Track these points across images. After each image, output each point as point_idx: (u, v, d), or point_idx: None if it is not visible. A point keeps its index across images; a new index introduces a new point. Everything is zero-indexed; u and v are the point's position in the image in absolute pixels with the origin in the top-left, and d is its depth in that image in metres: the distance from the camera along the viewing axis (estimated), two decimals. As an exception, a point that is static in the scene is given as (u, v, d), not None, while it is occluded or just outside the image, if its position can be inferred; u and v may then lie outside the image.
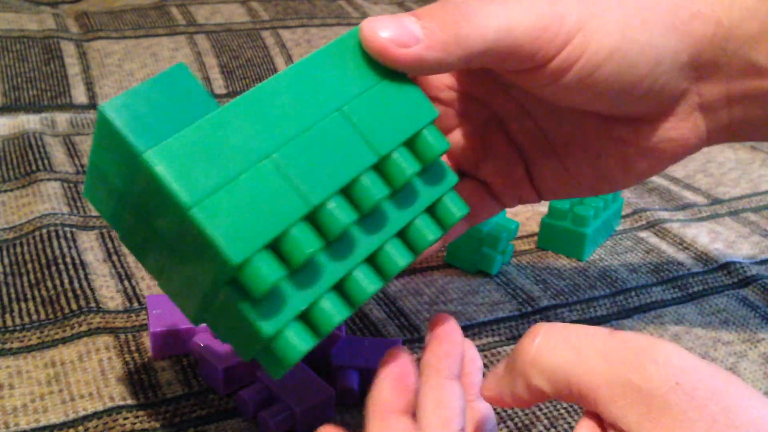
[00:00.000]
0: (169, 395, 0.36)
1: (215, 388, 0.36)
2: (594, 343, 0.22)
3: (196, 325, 0.32)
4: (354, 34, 0.29)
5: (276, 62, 0.82)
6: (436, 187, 0.30)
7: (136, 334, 0.40)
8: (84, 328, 0.40)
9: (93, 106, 0.73)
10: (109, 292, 0.43)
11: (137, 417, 0.34)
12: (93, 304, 0.42)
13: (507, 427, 0.36)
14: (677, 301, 0.46)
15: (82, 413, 0.34)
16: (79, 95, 0.74)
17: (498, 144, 0.35)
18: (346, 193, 0.27)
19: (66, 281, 0.43)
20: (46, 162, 0.58)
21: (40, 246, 0.47)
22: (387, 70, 0.28)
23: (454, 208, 0.30)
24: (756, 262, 0.50)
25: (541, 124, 0.34)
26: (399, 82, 0.29)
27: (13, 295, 0.43)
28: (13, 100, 0.71)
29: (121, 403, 0.35)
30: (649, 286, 0.47)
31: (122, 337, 0.40)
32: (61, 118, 0.69)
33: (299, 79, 0.27)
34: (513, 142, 0.35)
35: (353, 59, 0.28)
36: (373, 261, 0.28)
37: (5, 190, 0.54)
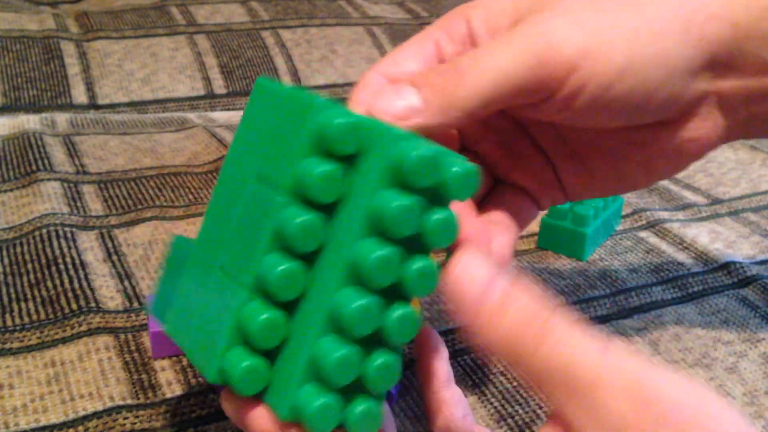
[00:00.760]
0: (169, 395, 0.36)
1: (215, 388, 0.36)
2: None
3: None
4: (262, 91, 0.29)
5: (276, 62, 0.82)
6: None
7: (136, 334, 0.40)
8: (84, 328, 0.40)
9: (93, 106, 0.73)
10: (109, 292, 0.43)
11: (137, 417, 0.34)
12: (93, 304, 0.42)
13: (507, 425, 0.36)
14: (677, 301, 0.46)
15: (82, 413, 0.34)
16: (79, 95, 0.74)
17: (526, 150, 0.35)
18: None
19: (66, 281, 0.44)
20: (46, 162, 0.58)
21: (40, 246, 0.47)
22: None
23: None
24: (756, 262, 0.50)
25: (560, 131, 0.34)
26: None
27: (13, 295, 0.43)
28: (13, 100, 0.71)
29: (121, 403, 0.35)
30: (649, 286, 0.47)
31: (122, 337, 0.40)
32: (61, 118, 0.69)
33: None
34: (539, 147, 0.35)
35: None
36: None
37: (5, 190, 0.54)
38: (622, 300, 0.46)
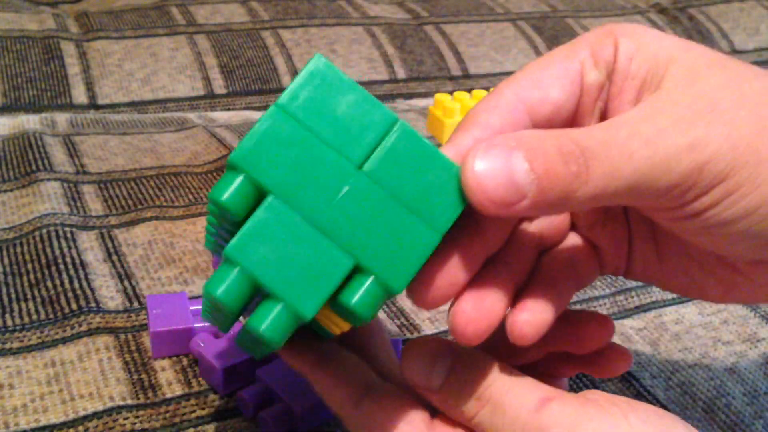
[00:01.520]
0: (169, 395, 0.36)
1: (215, 388, 0.36)
2: None
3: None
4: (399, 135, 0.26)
5: (276, 62, 0.82)
6: None
7: (136, 334, 0.40)
8: (84, 328, 0.40)
9: (93, 106, 0.73)
10: (109, 292, 0.43)
11: (137, 417, 0.34)
12: (93, 304, 0.42)
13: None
14: (677, 301, 0.46)
15: (82, 413, 0.34)
16: (79, 95, 0.74)
17: (614, 210, 0.31)
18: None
19: (66, 281, 0.44)
20: (46, 162, 0.58)
21: (40, 246, 0.47)
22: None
23: None
24: (756, 262, 0.50)
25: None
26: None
27: (13, 295, 0.43)
28: (13, 100, 0.71)
29: (121, 403, 0.35)
30: (649, 285, 0.47)
31: (122, 337, 0.40)
32: (61, 118, 0.69)
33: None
34: (626, 213, 0.31)
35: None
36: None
37: (5, 190, 0.54)
38: (622, 300, 0.45)
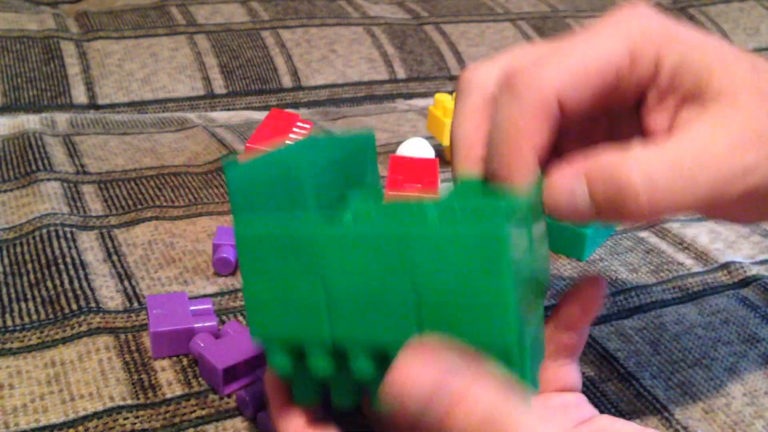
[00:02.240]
0: (169, 395, 0.36)
1: (215, 388, 0.36)
2: None
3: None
4: (492, 236, 0.24)
5: (276, 62, 0.82)
6: None
7: (136, 334, 0.40)
8: (84, 328, 0.40)
9: (93, 106, 0.73)
10: (109, 292, 0.43)
11: (137, 417, 0.34)
12: (93, 304, 0.42)
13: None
14: (677, 301, 0.46)
15: (82, 413, 0.34)
16: (79, 95, 0.74)
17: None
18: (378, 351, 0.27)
19: (66, 281, 0.43)
20: (46, 162, 0.58)
21: (40, 246, 0.47)
22: (494, 271, 0.24)
23: None
24: (756, 262, 0.50)
25: None
26: (496, 291, 0.25)
27: (13, 295, 0.43)
28: (13, 100, 0.71)
29: (121, 403, 0.35)
30: (649, 286, 0.47)
31: (122, 337, 0.40)
32: (61, 118, 0.69)
33: (403, 240, 0.25)
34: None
35: (467, 253, 0.24)
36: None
37: (5, 190, 0.54)
38: (622, 300, 0.46)
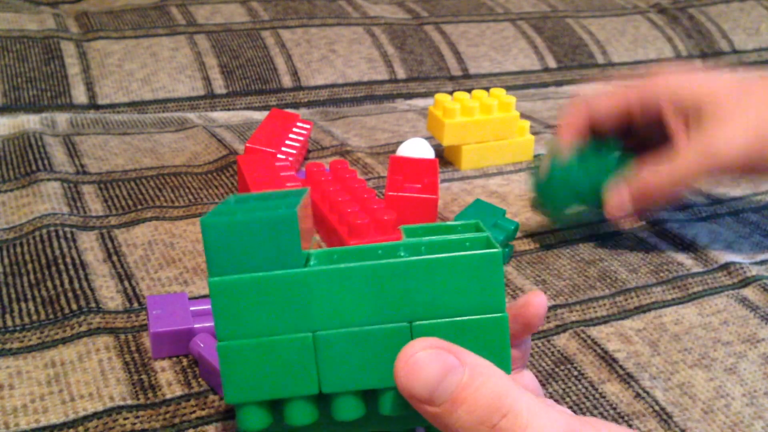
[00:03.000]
0: (169, 396, 0.36)
1: (215, 388, 0.36)
2: None
3: None
4: (488, 261, 0.25)
5: (276, 62, 0.82)
6: None
7: (136, 335, 0.40)
8: (84, 328, 0.40)
9: (93, 106, 0.73)
10: (109, 292, 0.43)
11: (137, 417, 0.34)
12: (93, 305, 0.42)
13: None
14: (677, 302, 0.46)
15: (82, 413, 0.34)
16: (79, 95, 0.74)
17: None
18: (366, 394, 0.26)
19: (66, 281, 0.44)
20: (46, 162, 0.58)
21: (40, 246, 0.47)
22: (488, 298, 0.26)
23: None
24: (756, 262, 0.50)
25: None
26: (491, 319, 0.26)
27: (13, 296, 0.43)
28: (13, 100, 0.71)
29: (121, 403, 0.35)
30: (649, 286, 0.47)
31: (122, 337, 0.40)
32: (61, 118, 0.69)
33: (391, 274, 0.25)
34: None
35: (464, 283, 0.25)
36: None
37: (5, 190, 0.54)
38: (622, 300, 0.46)
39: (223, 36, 0.83)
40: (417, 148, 0.60)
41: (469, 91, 0.65)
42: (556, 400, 0.37)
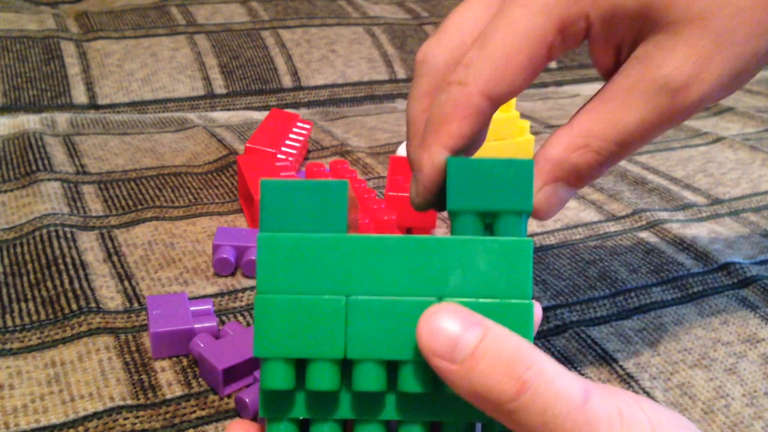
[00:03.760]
0: (169, 396, 0.36)
1: (215, 388, 0.36)
2: None
3: None
4: (520, 248, 0.27)
5: (276, 62, 0.82)
6: None
7: (136, 335, 0.40)
8: (84, 328, 0.40)
9: (93, 106, 0.73)
10: (109, 292, 0.43)
11: (137, 417, 0.34)
12: (93, 305, 0.42)
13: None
14: (677, 302, 0.46)
15: (82, 413, 0.34)
16: (79, 95, 0.74)
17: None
18: (390, 366, 0.27)
19: (66, 281, 0.44)
20: (46, 162, 0.58)
21: (40, 246, 0.47)
22: (515, 281, 0.27)
23: None
24: (756, 262, 0.50)
25: None
26: (517, 303, 0.27)
27: (13, 296, 0.43)
28: (13, 100, 0.71)
29: (121, 404, 0.35)
30: (649, 286, 0.47)
31: (122, 337, 0.40)
32: (61, 118, 0.69)
33: (427, 249, 0.27)
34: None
35: (490, 260, 0.27)
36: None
37: (5, 190, 0.54)
38: (622, 300, 0.46)
39: (223, 36, 0.83)
40: (417, 148, 0.60)
41: (469, 91, 0.65)
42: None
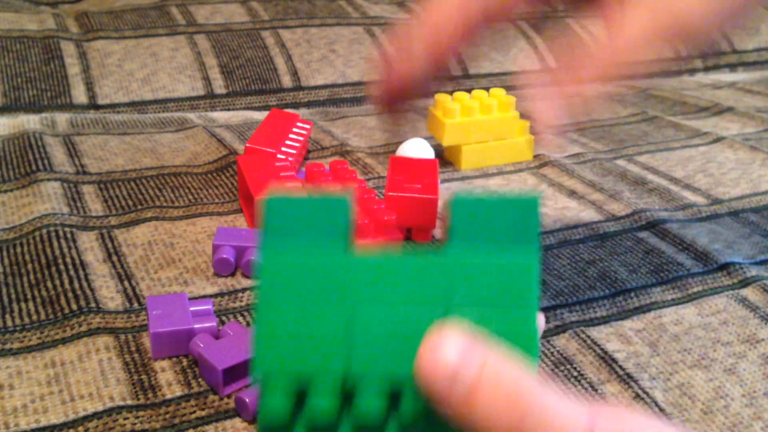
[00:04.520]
0: (168, 396, 0.36)
1: (215, 388, 0.36)
2: None
3: None
4: (526, 260, 0.26)
5: (276, 62, 0.82)
6: None
7: (136, 335, 0.40)
8: (84, 328, 0.40)
9: (93, 106, 0.73)
10: (109, 293, 0.43)
11: (137, 417, 0.34)
12: (93, 305, 0.42)
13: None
14: (677, 302, 0.46)
15: (82, 413, 0.34)
16: (79, 95, 0.74)
17: None
18: (394, 387, 0.26)
19: (66, 281, 0.44)
20: (46, 162, 0.58)
21: (40, 246, 0.47)
22: (520, 302, 0.26)
23: None
24: (756, 262, 0.50)
25: None
26: (521, 321, 0.26)
27: (13, 296, 0.43)
28: (13, 100, 0.71)
29: (121, 404, 0.35)
30: (649, 286, 0.47)
31: (122, 337, 0.40)
32: (61, 118, 0.69)
33: (433, 267, 0.26)
34: None
35: (496, 279, 0.26)
36: None
37: (5, 190, 0.54)
38: (622, 301, 0.46)
39: (223, 36, 0.83)
40: (417, 148, 0.60)
41: (469, 91, 0.65)
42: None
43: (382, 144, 0.68)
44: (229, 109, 0.77)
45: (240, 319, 0.42)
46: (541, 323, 0.30)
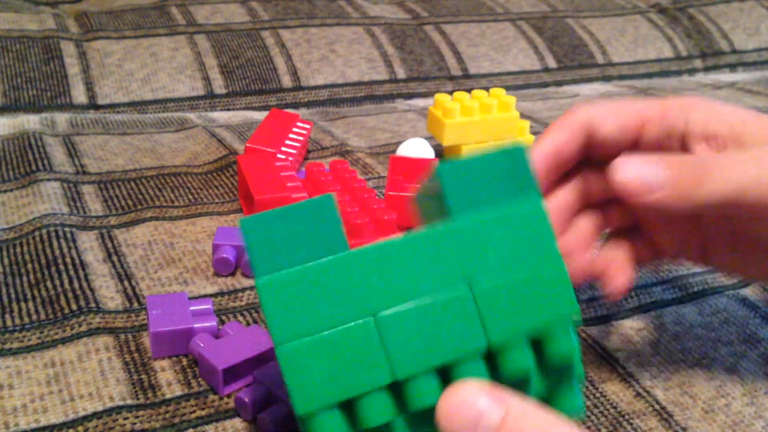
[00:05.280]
0: (168, 395, 0.36)
1: (215, 388, 0.36)
2: None
3: None
4: (526, 213, 0.25)
5: (276, 62, 0.82)
6: (554, 384, 0.27)
7: (136, 334, 0.40)
8: (84, 328, 0.40)
9: (93, 106, 0.73)
10: (109, 292, 0.43)
11: (137, 417, 0.34)
12: (93, 304, 0.42)
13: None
14: (677, 301, 0.46)
15: (81, 413, 0.34)
16: (79, 95, 0.74)
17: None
18: (443, 372, 0.25)
19: (66, 281, 0.44)
20: (46, 162, 0.58)
21: (40, 246, 0.47)
22: (539, 246, 0.25)
23: (568, 407, 0.27)
24: (756, 262, 0.50)
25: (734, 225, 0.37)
26: (547, 264, 0.25)
27: (13, 296, 0.43)
28: (13, 100, 0.71)
29: (121, 403, 0.35)
30: (649, 286, 0.47)
31: (122, 337, 0.40)
32: (61, 118, 0.69)
33: (439, 241, 0.25)
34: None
35: (506, 233, 0.25)
36: None
37: (5, 190, 0.54)
38: (622, 300, 0.45)
39: (223, 36, 0.83)
40: (417, 148, 0.60)
41: (469, 91, 0.65)
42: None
43: (382, 144, 0.68)
44: (229, 109, 0.77)
45: (240, 318, 0.42)
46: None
